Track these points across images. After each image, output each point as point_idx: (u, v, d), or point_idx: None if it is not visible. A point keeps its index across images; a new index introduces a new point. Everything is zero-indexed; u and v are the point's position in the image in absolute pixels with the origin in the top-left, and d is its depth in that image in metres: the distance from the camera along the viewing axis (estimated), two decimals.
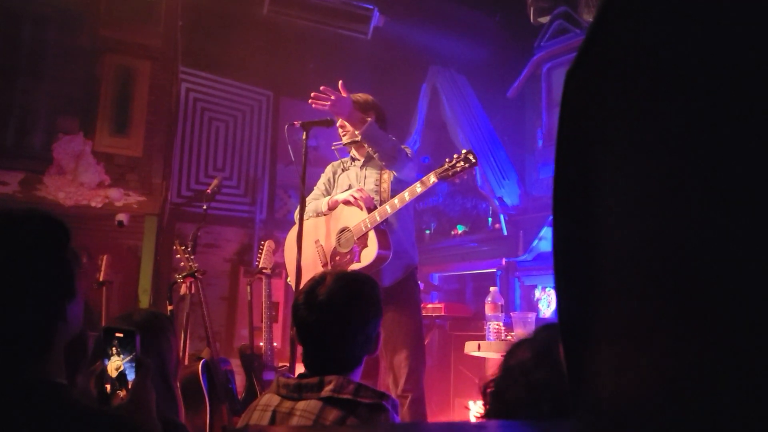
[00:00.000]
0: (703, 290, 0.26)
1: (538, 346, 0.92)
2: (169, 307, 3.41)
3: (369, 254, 2.75)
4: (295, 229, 2.95)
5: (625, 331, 0.30)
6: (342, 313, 1.52)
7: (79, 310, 1.09)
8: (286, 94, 6.59)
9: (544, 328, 0.97)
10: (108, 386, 1.15)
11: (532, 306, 4.63)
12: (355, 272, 1.72)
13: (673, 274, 0.27)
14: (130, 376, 1.15)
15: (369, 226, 2.76)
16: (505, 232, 4.99)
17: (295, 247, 2.75)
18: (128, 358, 1.15)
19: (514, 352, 0.94)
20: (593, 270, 0.32)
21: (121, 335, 1.16)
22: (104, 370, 1.15)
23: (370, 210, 2.81)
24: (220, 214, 6.00)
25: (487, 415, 0.94)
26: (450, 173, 2.65)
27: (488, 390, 0.95)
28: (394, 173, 2.91)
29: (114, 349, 1.16)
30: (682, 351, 0.26)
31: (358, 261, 2.78)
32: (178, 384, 1.77)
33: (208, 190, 3.82)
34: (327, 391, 1.41)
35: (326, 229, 3.00)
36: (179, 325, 3.62)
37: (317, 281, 1.56)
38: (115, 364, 1.15)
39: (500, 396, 0.91)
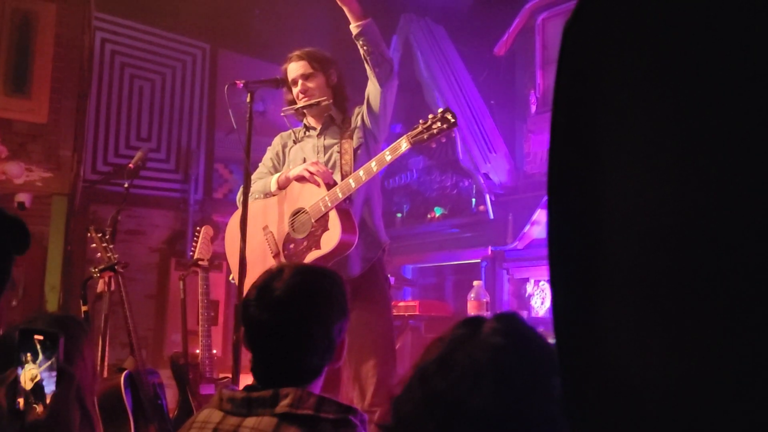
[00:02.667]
0: (728, 286, 0.26)
1: (446, 347, 0.92)
2: (84, 308, 3.36)
3: (330, 239, 2.75)
4: (238, 214, 2.92)
5: (637, 328, 0.30)
6: (302, 313, 1.53)
7: None
8: (226, 47, 6.49)
9: (464, 323, 0.96)
10: (21, 400, 1.13)
11: (524, 303, 4.69)
12: (318, 266, 1.73)
13: (693, 266, 0.27)
14: (48, 388, 1.13)
15: (329, 205, 2.76)
16: (492, 216, 5.03)
17: (238, 235, 2.73)
18: (46, 366, 1.14)
19: (426, 352, 0.95)
20: (598, 260, 0.32)
21: (40, 338, 1.15)
22: (17, 380, 1.14)
23: (329, 186, 2.81)
24: (146, 193, 5.91)
25: (384, 428, 0.95)
26: (425, 136, 2.67)
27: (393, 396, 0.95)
28: (376, 104, 2.92)
29: (29, 355, 1.14)
30: (706, 348, 0.27)
31: (318, 248, 2.78)
32: (95, 404, 1.75)
33: (131, 165, 3.76)
34: (283, 406, 1.42)
35: (277, 213, 2.99)
36: (96, 330, 3.57)
37: (273, 275, 1.57)
38: (31, 373, 1.14)
39: (402, 400, 0.92)
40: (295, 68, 3.03)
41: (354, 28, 2.84)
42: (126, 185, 3.71)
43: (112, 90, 6.00)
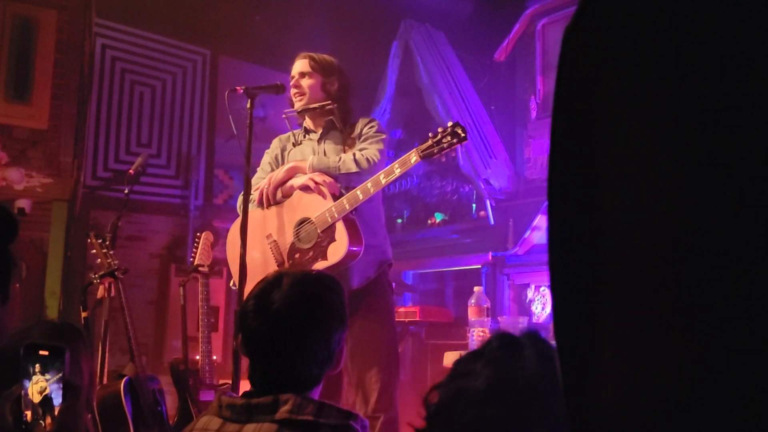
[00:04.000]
0: (726, 291, 0.26)
1: (497, 373, 0.92)
2: (84, 314, 3.35)
3: (337, 250, 2.74)
4: (239, 221, 2.92)
5: (634, 334, 0.30)
6: (301, 326, 1.52)
7: (6, 317, 1.11)
8: (226, 53, 6.49)
9: (504, 343, 0.97)
10: (29, 413, 1.14)
11: (524, 309, 4.68)
12: (317, 274, 1.71)
13: (694, 273, 0.27)
14: (57, 401, 1.15)
15: (336, 216, 2.76)
16: (492, 222, 5.02)
17: (239, 243, 2.73)
18: (54, 379, 1.15)
19: (466, 369, 0.95)
20: (597, 266, 0.32)
21: (45, 353, 1.16)
22: (24, 393, 1.15)
23: (336, 197, 2.80)
24: (146, 199, 5.91)
25: None
26: (435, 150, 2.67)
27: (431, 403, 0.96)
28: (360, 150, 2.92)
29: (37, 367, 1.16)
30: (702, 355, 0.27)
31: (325, 259, 2.77)
32: (95, 413, 1.74)
33: (131, 171, 3.76)
34: (283, 412, 1.42)
35: (280, 222, 2.98)
36: (96, 336, 3.57)
37: (271, 283, 1.56)
38: (39, 385, 1.15)
39: (445, 419, 0.93)
40: (296, 66, 3.06)
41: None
42: (126, 191, 3.71)
43: (113, 96, 6.01)
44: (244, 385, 1.64)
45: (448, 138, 2.65)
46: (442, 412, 0.93)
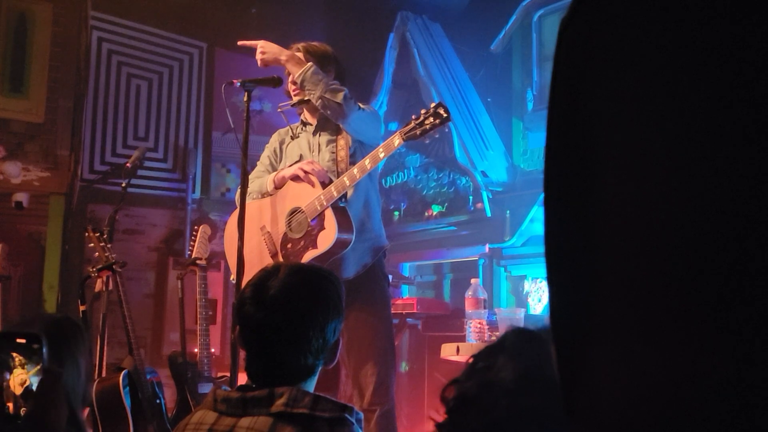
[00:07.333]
0: (722, 284, 0.26)
1: (523, 365, 0.93)
2: (82, 308, 3.36)
3: (327, 238, 2.74)
4: (236, 214, 2.92)
5: (629, 327, 0.30)
6: (297, 312, 1.53)
7: None
8: (223, 46, 6.47)
9: (524, 338, 0.98)
10: (11, 405, 1.14)
11: (521, 301, 4.70)
12: (314, 265, 1.74)
13: (688, 265, 0.27)
14: (34, 389, 1.14)
15: (325, 203, 2.76)
16: (489, 213, 5.03)
17: (236, 236, 2.73)
18: (35, 371, 1.15)
19: (487, 363, 0.95)
20: (592, 258, 0.32)
21: (22, 341, 1.15)
22: (5, 385, 1.14)
23: (324, 185, 2.80)
24: (144, 193, 5.90)
25: (450, 428, 0.96)
26: (418, 132, 2.66)
27: (450, 398, 0.96)
28: (353, 137, 2.91)
29: (17, 359, 1.15)
30: (695, 348, 0.27)
31: (315, 247, 2.77)
32: (94, 409, 1.74)
33: (128, 164, 3.76)
34: (278, 405, 1.42)
35: (273, 213, 2.98)
36: (94, 329, 3.57)
37: (269, 272, 1.58)
38: (20, 378, 1.15)
39: (475, 411, 0.93)
40: None
41: (297, 78, 2.84)
42: (123, 184, 3.71)
43: (109, 89, 5.99)
44: (242, 378, 1.65)
45: (431, 119, 2.65)
46: (469, 405, 0.93)
